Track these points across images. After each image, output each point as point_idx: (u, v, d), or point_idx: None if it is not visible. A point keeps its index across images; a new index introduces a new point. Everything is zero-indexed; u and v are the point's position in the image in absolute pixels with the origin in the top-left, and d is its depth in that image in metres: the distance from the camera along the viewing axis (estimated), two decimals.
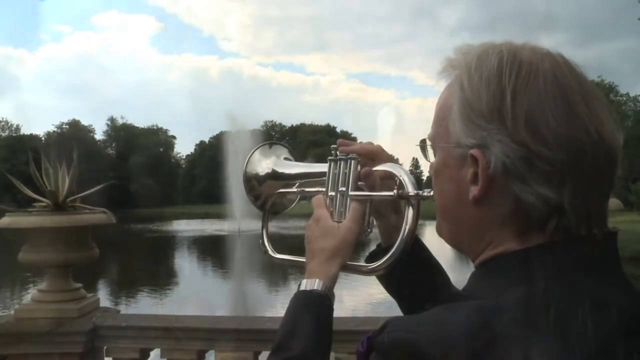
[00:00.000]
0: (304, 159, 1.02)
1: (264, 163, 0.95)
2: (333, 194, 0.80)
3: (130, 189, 58.68)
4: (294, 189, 0.92)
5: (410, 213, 0.72)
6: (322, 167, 0.87)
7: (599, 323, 0.43)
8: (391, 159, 0.83)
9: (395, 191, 0.72)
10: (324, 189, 0.82)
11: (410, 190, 0.71)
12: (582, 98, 0.48)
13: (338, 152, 0.82)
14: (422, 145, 0.60)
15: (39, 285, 2.86)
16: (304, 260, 0.79)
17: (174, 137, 71.78)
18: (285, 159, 0.97)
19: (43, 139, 57.10)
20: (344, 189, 0.79)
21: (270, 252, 0.94)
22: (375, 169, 0.78)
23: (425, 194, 0.69)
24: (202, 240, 21.10)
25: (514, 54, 0.50)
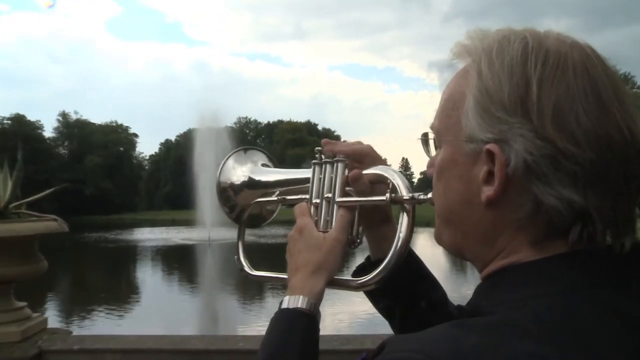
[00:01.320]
0: (283, 161, 1.00)
1: (239, 170, 0.93)
2: (318, 201, 0.79)
3: (85, 193, 57.29)
4: (273, 198, 0.91)
5: (404, 220, 0.71)
6: (304, 173, 0.86)
7: (628, 342, 0.43)
8: (382, 161, 0.82)
9: (387, 195, 0.71)
10: (307, 197, 0.81)
11: (405, 193, 0.71)
12: (614, 93, 0.47)
13: (323, 155, 0.81)
14: (425, 138, 0.59)
15: None
16: (285, 276, 0.77)
17: (136, 135, 70.49)
18: (263, 165, 0.96)
19: None
20: (330, 195, 0.78)
21: (247, 269, 0.92)
22: (364, 172, 0.77)
23: (422, 197, 0.68)
24: (168, 251, 20.73)
25: (539, 41, 0.49)
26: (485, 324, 0.44)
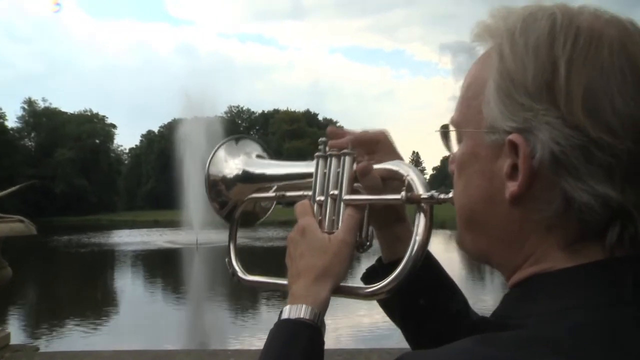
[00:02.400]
0: (279, 155, 1.00)
1: (232, 163, 0.94)
2: (322, 198, 0.79)
3: (55, 192, 57.62)
4: (270, 194, 0.90)
5: (421, 221, 0.71)
6: (306, 167, 0.86)
7: None
8: (396, 151, 0.82)
9: (402, 194, 0.71)
10: (309, 193, 0.81)
11: (422, 192, 0.71)
12: None
13: (327, 147, 0.81)
14: (444, 130, 0.59)
15: None
16: (284, 282, 0.78)
17: (114, 126, 70.85)
18: (258, 156, 0.96)
19: None
20: (336, 192, 0.78)
21: (240, 274, 0.92)
22: (375, 166, 0.77)
23: (442, 196, 0.68)
24: (150, 256, 20.81)
25: (570, 17, 0.49)
26: (512, 339, 0.43)
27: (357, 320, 8.12)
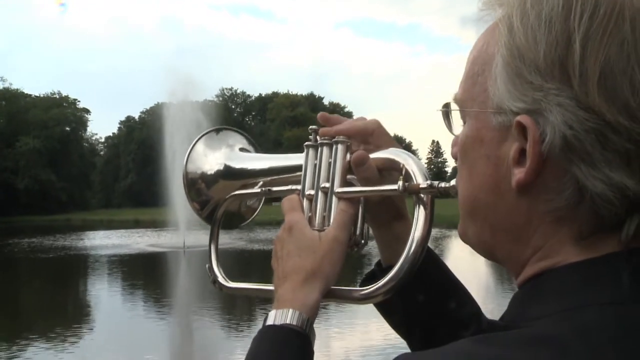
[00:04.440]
0: (279, 144, 1.02)
1: (212, 157, 0.97)
2: (312, 192, 0.82)
3: (18, 187, 57.66)
4: (255, 190, 0.93)
5: (421, 214, 0.73)
6: (295, 160, 0.89)
7: None
8: (391, 140, 0.85)
9: (399, 184, 0.74)
10: (298, 187, 0.84)
11: (420, 181, 0.73)
12: None
13: (319, 136, 0.84)
14: (446, 110, 0.61)
15: None
16: (270, 288, 0.80)
17: (87, 111, 70.79)
18: (242, 149, 0.99)
19: None
20: (327, 184, 0.81)
21: (222, 280, 0.95)
22: (371, 156, 0.79)
23: (442, 185, 0.71)
24: (130, 261, 20.83)
25: None
26: (514, 338, 0.46)
27: (365, 334, 8.12)
